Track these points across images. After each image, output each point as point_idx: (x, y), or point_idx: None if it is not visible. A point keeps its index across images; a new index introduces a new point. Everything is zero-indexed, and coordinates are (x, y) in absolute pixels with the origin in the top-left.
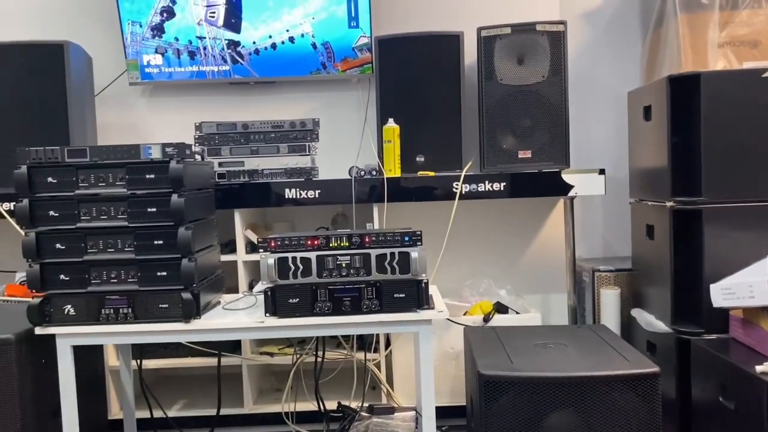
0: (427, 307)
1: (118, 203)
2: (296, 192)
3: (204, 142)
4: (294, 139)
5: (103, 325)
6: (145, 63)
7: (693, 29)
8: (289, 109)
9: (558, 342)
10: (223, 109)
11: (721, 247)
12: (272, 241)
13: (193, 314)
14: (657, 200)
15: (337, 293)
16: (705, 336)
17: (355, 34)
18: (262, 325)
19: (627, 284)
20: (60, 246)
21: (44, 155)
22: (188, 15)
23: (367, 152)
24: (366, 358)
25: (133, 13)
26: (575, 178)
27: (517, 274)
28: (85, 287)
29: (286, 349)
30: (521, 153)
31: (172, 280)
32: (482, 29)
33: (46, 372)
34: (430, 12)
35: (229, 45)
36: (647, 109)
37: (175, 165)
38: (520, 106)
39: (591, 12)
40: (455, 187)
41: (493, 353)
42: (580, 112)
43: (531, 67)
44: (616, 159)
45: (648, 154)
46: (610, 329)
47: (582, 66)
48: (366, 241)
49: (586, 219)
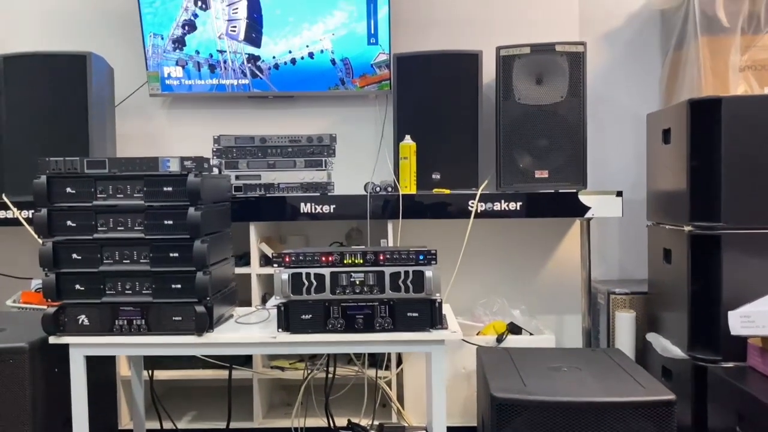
0: (440, 327)
1: (135, 215)
2: (311, 206)
3: (222, 154)
4: (311, 154)
5: (116, 336)
6: (166, 75)
7: (714, 52)
8: (307, 124)
9: (572, 365)
10: (241, 122)
11: (740, 273)
12: (287, 257)
13: (206, 327)
14: (675, 224)
15: (350, 310)
16: (722, 363)
17: (374, 51)
18: (274, 340)
19: (642, 307)
20: (76, 256)
21: (64, 166)
22: (209, 29)
23: (383, 168)
24: (377, 375)
25: (155, 25)
26: (592, 200)
27: (531, 295)
28: (100, 298)
29: (297, 364)
30: (538, 173)
31: (186, 292)
32: (501, 48)
33: (59, 381)
34: (449, 30)
35: (249, 59)
36: (666, 132)
37: (193, 178)
38: (537, 126)
39: (611, 32)
40: (471, 205)
41: (506, 375)
42: (598, 133)
43: (549, 87)
44: (634, 181)
45: (666, 178)
46: (624, 353)
47: (601, 86)
48: (380, 259)
49: (602, 240)
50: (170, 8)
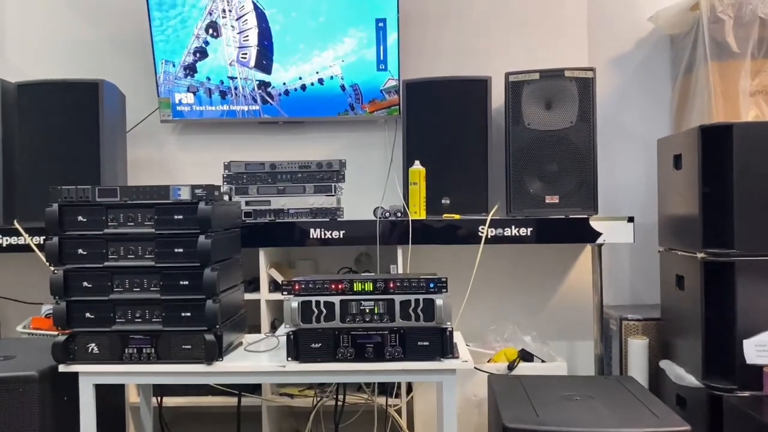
0: (451, 356)
1: (145, 243)
2: (321, 232)
3: (232, 180)
4: (320, 180)
5: (125, 365)
6: (177, 101)
7: (724, 77)
8: (317, 149)
9: (585, 394)
10: (251, 148)
11: (755, 301)
12: (296, 284)
13: (216, 356)
14: (687, 250)
15: (360, 339)
16: (738, 393)
17: (384, 77)
18: (283, 369)
19: (655, 334)
20: (87, 284)
21: (75, 194)
22: (221, 56)
23: (393, 193)
24: (387, 403)
25: (167, 52)
26: (603, 225)
27: (542, 320)
28: (110, 326)
29: (306, 391)
30: (548, 198)
31: (195, 320)
32: (510, 74)
33: (68, 409)
34: (458, 56)
35: (260, 85)
36: (678, 158)
37: (204, 206)
38: (547, 151)
39: (620, 57)
40: (481, 230)
41: (518, 404)
42: (609, 158)
43: (559, 113)
44: (645, 205)
45: (678, 203)
46: (638, 381)
47: (610, 111)
48: (390, 287)
49: (613, 265)
50: (182, 36)
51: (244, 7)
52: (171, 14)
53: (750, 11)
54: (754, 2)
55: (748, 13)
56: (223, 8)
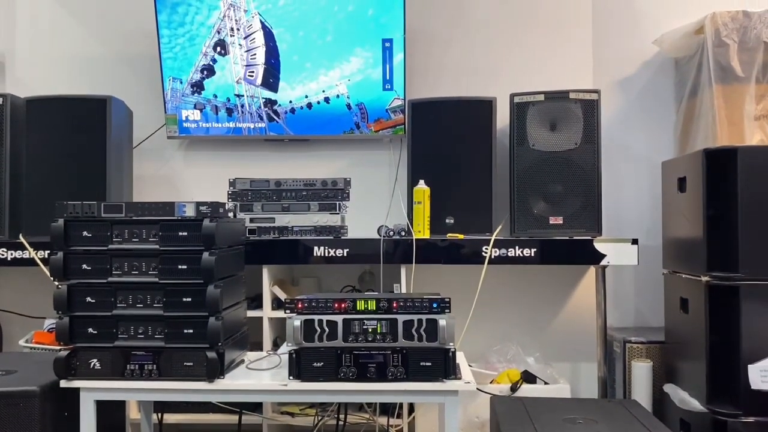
0: (454, 377)
1: (149, 259)
2: (325, 250)
3: (237, 197)
4: (325, 198)
5: (127, 381)
6: (184, 118)
7: (728, 101)
8: (321, 167)
9: (588, 417)
10: (256, 165)
11: (760, 325)
12: (299, 303)
13: (217, 374)
14: (692, 274)
15: (362, 359)
16: (742, 418)
17: (389, 97)
18: (285, 388)
19: (659, 357)
20: (90, 300)
21: (81, 210)
22: (228, 73)
23: (397, 212)
24: (389, 423)
25: (174, 69)
26: (607, 247)
27: (546, 342)
28: (113, 342)
29: (307, 410)
30: (552, 219)
31: (198, 338)
32: (515, 95)
33: (68, 424)
34: (464, 76)
35: (266, 103)
36: (682, 181)
37: (208, 224)
38: (552, 172)
39: (625, 80)
40: (485, 251)
41: (521, 427)
42: (613, 180)
43: (563, 134)
44: (649, 227)
45: (682, 226)
46: (641, 405)
47: (615, 133)
48: (393, 306)
49: (617, 287)
50: (190, 53)
51: (252, 26)
52: (179, 32)
53: (754, 36)
54: (758, 27)
55: (752, 38)
56: (231, 27)
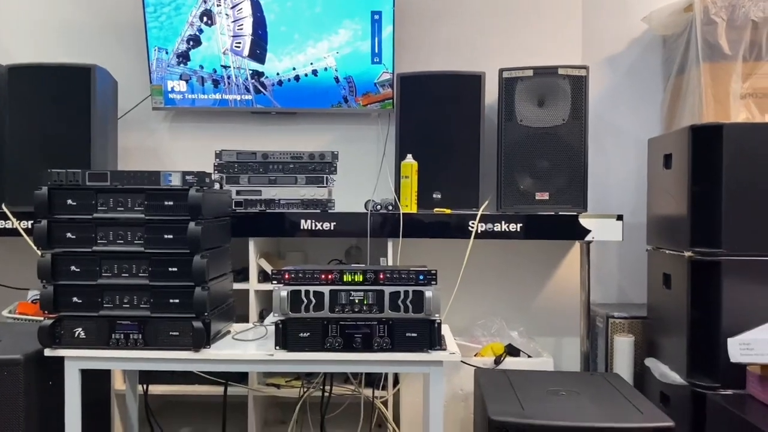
0: (439, 348)
1: (135, 228)
2: (311, 223)
3: (223, 169)
4: (312, 171)
5: (112, 350)
6: (170, 89)
7: (715, 79)
8: (309, 141)
9: (570, 389)
10: (243, 138)
11: (740, 300)
12: (286, 274)
13: (203, 343)
14: (675, 249)
15: (348, 329)
16: (721, 391)
17: (378, 70)
18: (271, 358)
19: (641, 332)
20: (75, 268)
21: (65, 178)
22: (214, 44)
23: (384, 187)
24: (374, 394)
25: (160, 39)
26: (593, 223)
27: (530, 316)
28: (97, 311)
29: (293, 382)
30: (539, 195)
31: (184, 307)
32: (504, 71)
33: (53, 394)
34: (453, 51)
35: (253, 75)
36: (668, 157)
37: (194, 193)
38: (539, 148)
39: (613, 57)
40: (471, 225)
41: (504, 398)
42: (599, 156)
43: (551, 110)
44: (634, 204)
45: (667, 202)
46: (623, 378)
47: (602, 110)
48: (380, 278)
49: (601, 263)
50: (176, 23)
51: None
52: (165, 1)
53: (743, 14)
54: (747, 5)
55: (740, 16)
56: None
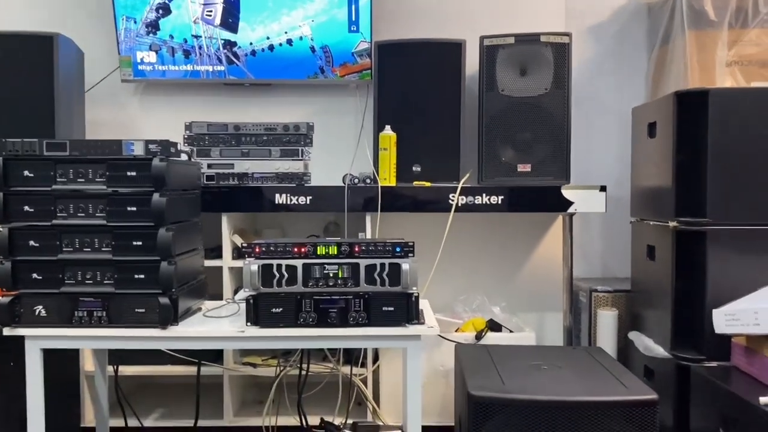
0: (416, 321)
1: (96, 201)
2: (287, 197)
3: (194, 142)
4: (287, 143)
5: (75, 328)
6: (139, 60)
7: (701, 47)
8: (285, 113)
9: (552, 364)
10: (216, 110)
11: (725, 270)
12: (257, 247)
13: (170, 320)
14: (659, 220)
15: (323, 304)
16: (705, 363)
17: (355, 39)
18: (242, 334)
19: (625, 306)
20: (34, 243)
21: (21, 147)
22: (184, 12)
23: (363, 160)
24: (352, 372)
25: (127, 8)
26: (575, 194)
27: (511, 291)
28: (59, 287)
29: (269, 361)
30: (521, 166)
31: (149, 283)
32: (485, 38)
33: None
34: (433, 19)
35: (225, 45)
36: (652, 126)
37: (158, 163)
38: (521, 119)
39: (597, 26)
40: (451, 198)
41: (485, 373)
42: (583, 127)
43: (534, 79)
44: (618, 176)
45: (651, 172)
46: (606, 352)
47: (586, 80)
48: (355, 251)
49: (584, 237)
50: None
51: None
52: None
53: None
54: None
55: None
56: None
